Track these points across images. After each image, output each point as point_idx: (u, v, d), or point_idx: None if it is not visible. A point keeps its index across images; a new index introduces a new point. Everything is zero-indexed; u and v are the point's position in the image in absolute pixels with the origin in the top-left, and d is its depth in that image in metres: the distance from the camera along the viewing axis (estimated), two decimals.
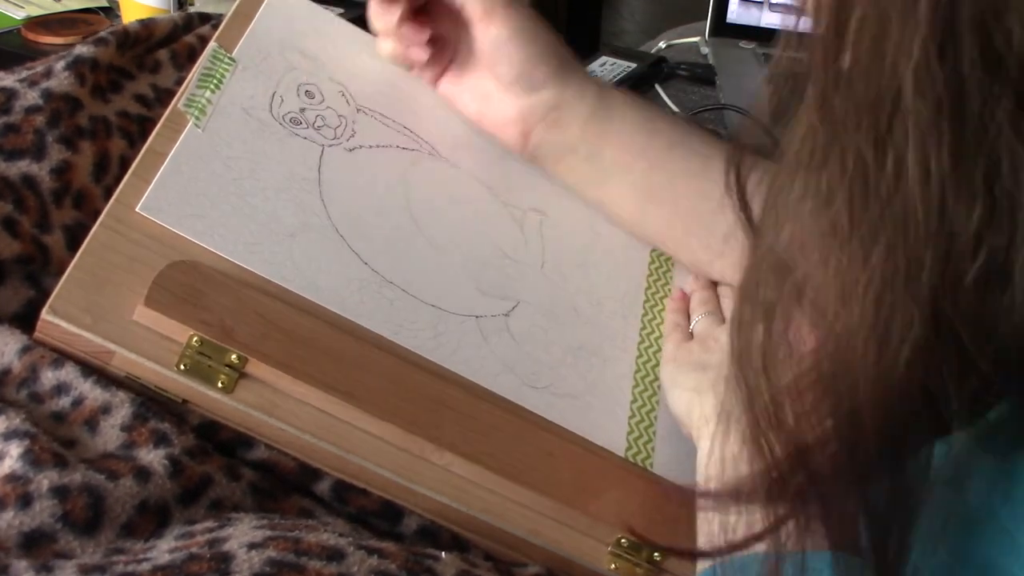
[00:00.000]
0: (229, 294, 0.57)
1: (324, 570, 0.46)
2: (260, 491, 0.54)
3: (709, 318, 0.69)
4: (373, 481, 0.57)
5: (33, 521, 0.47)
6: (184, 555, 0.46)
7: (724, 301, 0.71)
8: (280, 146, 0.66)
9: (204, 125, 0.64)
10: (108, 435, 0.52)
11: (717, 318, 0.70)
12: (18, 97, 0.62)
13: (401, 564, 0.48)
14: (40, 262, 0.60)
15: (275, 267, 0.60)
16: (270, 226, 0.62)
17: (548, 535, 0.59)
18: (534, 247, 0.72)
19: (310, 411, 0.57)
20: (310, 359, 0.57)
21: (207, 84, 0.66)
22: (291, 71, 0.70)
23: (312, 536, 0.48)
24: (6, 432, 0.50)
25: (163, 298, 0.55)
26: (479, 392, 0.62)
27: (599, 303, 0.71)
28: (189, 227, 0.59)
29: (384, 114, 0.72)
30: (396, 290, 0.64)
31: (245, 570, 0.45)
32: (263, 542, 0.47)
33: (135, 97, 0.69)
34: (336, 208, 0.65)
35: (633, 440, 0.66)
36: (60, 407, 0.53)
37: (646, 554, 0.60)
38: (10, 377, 0.54)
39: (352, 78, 0.72)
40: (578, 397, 0.66)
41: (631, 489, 0.63)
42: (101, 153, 0.64)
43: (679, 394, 0.64)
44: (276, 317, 0.58)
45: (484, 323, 0.66)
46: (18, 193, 0.60)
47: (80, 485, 0.48)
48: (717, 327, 0.68)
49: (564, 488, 0.60)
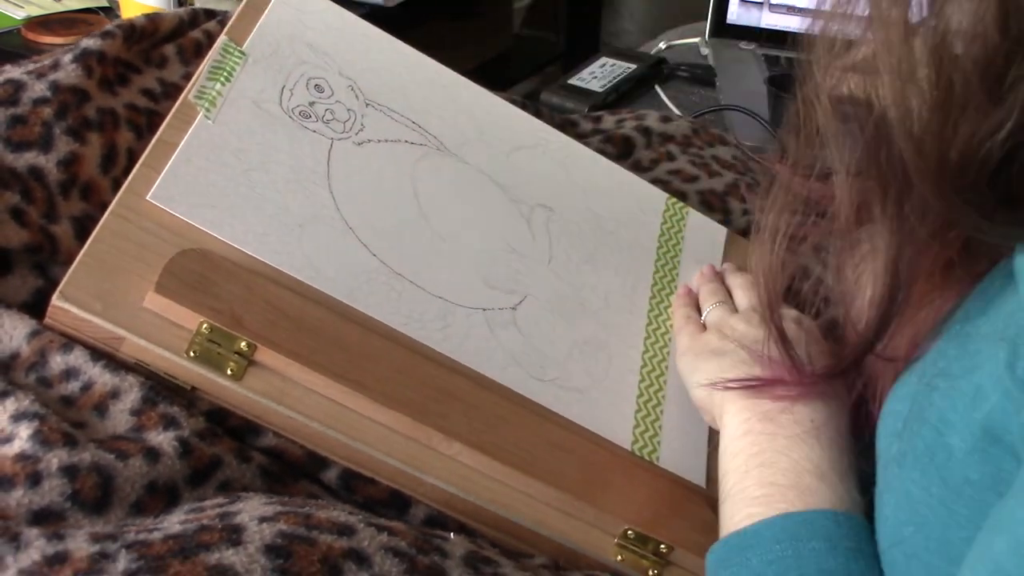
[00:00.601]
0: (239, 282, 0.57)
1: (335, 544, 0.46)
2: (269, 474, 0.55)
3: (721, 307, 0.69)
4: (381, 470, 0.57)
5: (43, 499, 0.47)
6: (195, 526, 0.46)
7: (735, 292, 0.71)
8: (290, 139, 0.66)
9: (214, 117, 0.64)
10: (117, 419, 0.52)
11: (728, 307, 0.70)
12: (26, 89, 0.63)
13: (411, 542, 0.48)
14: (48, 251, 0.60)
15: (284, 257, 0.60)
16: (279, 217, 0.62)
17: (555, 526, 0.59)
18: (541, 242, 0.72)
19: (318, 399, 0.57)
20: (319, 347, 0.57)
21: (217, 76, 0.67)
22: (301, 65, 0.70)
23: (323, 512, 0.48)
24: (16, 413, 0.50)
25: (173, 285, 0.55)
26: (486, 384, 0.62)
27: (606, 298, 0.71)
28: (199, 216, 0.59)
29: (393, 109, 0.72)
30: (404, 282, 0.64)
31: (256, 540, 0.45)
32: (274, 516, 0.47)
33: (142, 91, 0.69)
34: (345, 200, 0.65)
35: (639, 434, 0.66)
36: (69, 391, 0.53)
37: (652, 546, 0.60)
38: (19, 361, 0.54)
39: (361, 73, 0.72)
40: (585, 391, 0.66)
41: (637, 482, 0.63)
42: (109, 145, 0.65)
43: (699, 380, 0.64)
44: (285, 306, 0.58)
45: (491, 316, 0.66)
46: (25, 184, 0.60)
47: (90, 464, 0.48)
48: (731, 316, 0.68)
49: (571, 479, 0.60)
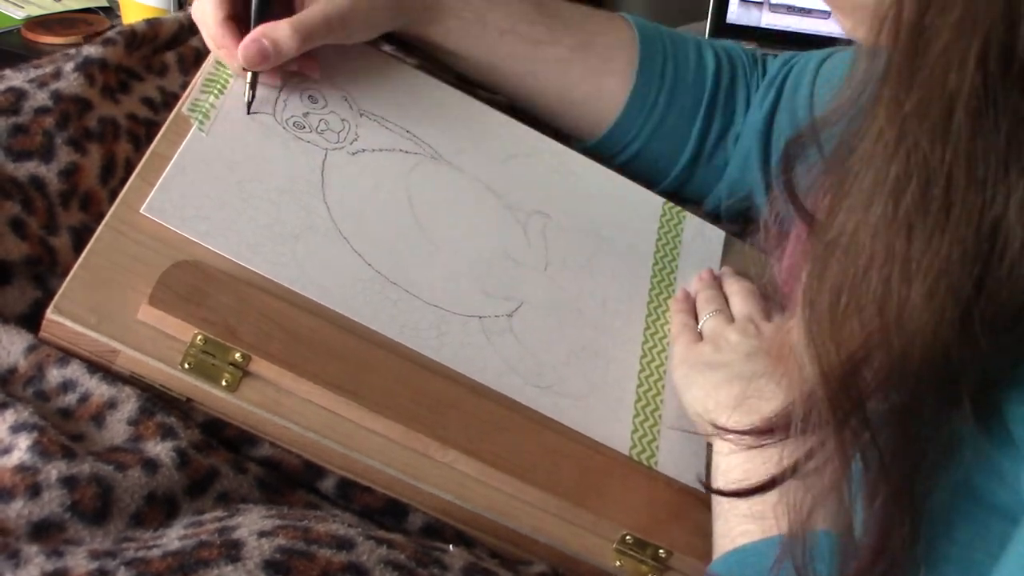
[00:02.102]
0: (232, 293, 0.58)
1: (334, 558, 0.46)
2: (266, 485, 0.55)
3: (717, 317, 0.69)
4: (378, 479, 0.58)
5: (42, 511, 0.47)
6: (194, 542, 0.46)
7: (732, 299, 0.71)
8: (284, 149, 0.66)
9: (208, 129, 0.64)
10: (115, 429, 0.53)
11: (725, 316, 0.70)
12: (27, 98, 0.63)
13: (411, 555, 0.48)
14: (47, 263, 0.60)
15: (278, 268, 0.61)
16: (273, 228, 0.62)
17: (553, 532, 0.59)
18: (538, 249, 0.72)
19: (314, 409, 0.57)
20: (313, 357, 0.57)
21: (211, 89, 0.67)
22: (294, 75, 0.70)
23: (321, 526, 0.48)
24: (15, 424, 0.50)
25: (167, 297, 0.56)
26: (483, 391, 0.62)
27: (603, 304, 0.71)
28: (193, 228, 0.60)
29: (386, 118, 0.72)
30: (399, 291, 0.64)
31: (255, 556, 0.45)
32: (273, 530, 0.47)
33: (143, 100, 0.69)
34: (339, 210, 0.65)
35: (638, 439, 0.66)
36: (67, 403, 0.54)
37: (651, 551, 0.60)
38: (16, 376, 0.54)
39: (355, 83, 0.73)
40: (582, 397, 0.66)
41: (636, 487, 0.63)
42: (108, 156, 0.65)
43: (695, 394, 0.64)
44: (279, 316, 0.58)
45: (488, 324, 0.66)
46: (26, 194, 0.60)
47: (89, 476, 0.49)
48: (726, 326, 0.68)
49: (569, 486, 0.60)
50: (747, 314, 0.69)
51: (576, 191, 0.77)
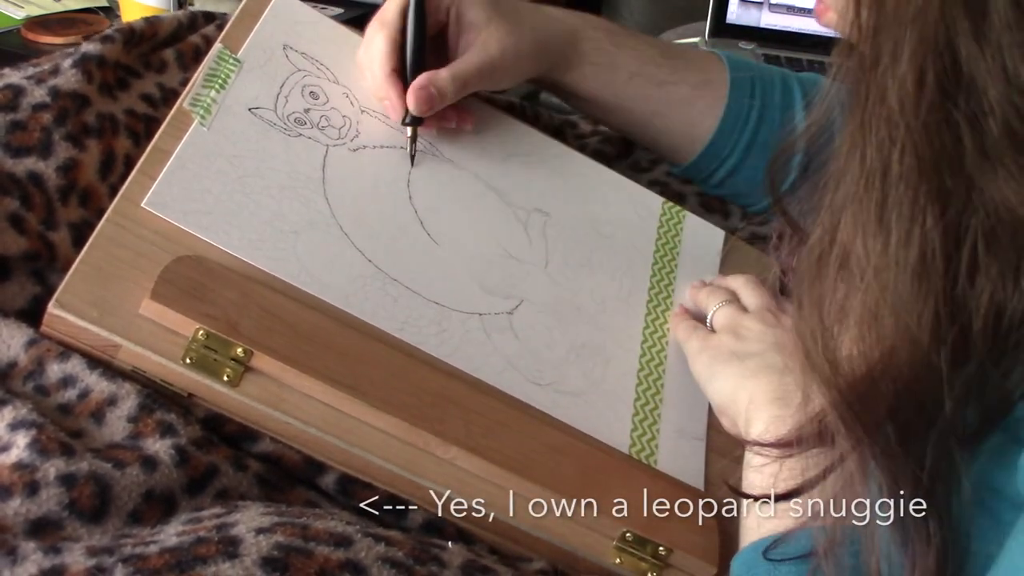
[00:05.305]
0: (234, 289, 0.58)
1: (332, 555, 0.46)
2: (266, 482, 0.55)
3: (728, 307, 0.68)
4: (378, 475, 0.57)
5: (40, 509, 0.47)
6: (192, 538, 0.46)
7: (741, 292, 0.70)
8: (285, 145, 0.66)
9: (209, 124, 0.64)
10: (114, 426, 0.52)
11: (736, 306, 0.68)
12: (25, 94, 0.63)
13: (408, 552, 0.48)
14: (46, 259, 0.60)
15: (280, 263, 0.61)
16: (275, 223, 0.62)
17: (553, 529, 0.59)
18: (538, 247, 0.72)
19: (315, 405, 0.57)
20: (315, 353, 0.57)
21: (212, 84, 0.67)
22: (295, 72, 0.70)
23: (320, 523, 0.48)
24: (13, 422, 0.50)
25: (169, 292, 0.56)
26: (483, 388, 0.62)
27: (602, 302, 0.71)
28: (194, 223, 0.60)
29: (388, 115, 0.72)
30: (400, 287, 0.64)
31: (253, 553, 0.45)
32: (271, 527, 0.47)
33: (142, 96, 0.69)
34: (340, 206, 0.65)
35: (637, 437, 0.66)
36: (66, 399, 0.53)
37: (651, 548, 0.60)
38: (16, 370, 0.54)
39: (356, 80, 0.73)
40: (581, 395, 0.66)
41: (635, 484, 0.63)
42: (107, 151, 0.65)
43: (721, 384, 0.63)
44: (281, 312, 0.58)
45: (488, 321, 0.66)
46: (25, 190, 0.60)
47: (87, 473, 0.48)
48: (742, 315, 0.66)
49: (569, 483, 0.60)
50: (763, 304, 0.67)
51: (576, 189, 0.77)
